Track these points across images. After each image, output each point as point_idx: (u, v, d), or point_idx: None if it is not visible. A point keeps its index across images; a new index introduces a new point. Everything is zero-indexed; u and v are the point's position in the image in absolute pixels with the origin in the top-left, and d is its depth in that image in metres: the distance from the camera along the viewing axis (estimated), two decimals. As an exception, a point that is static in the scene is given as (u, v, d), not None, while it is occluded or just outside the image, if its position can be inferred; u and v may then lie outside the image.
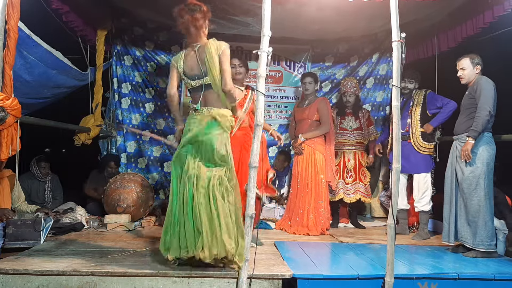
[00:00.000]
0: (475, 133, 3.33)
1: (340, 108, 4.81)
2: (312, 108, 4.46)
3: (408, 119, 4.26)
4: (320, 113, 4.43)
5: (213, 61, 2.73)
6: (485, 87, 3.37)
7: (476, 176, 3.37)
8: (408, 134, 4.24)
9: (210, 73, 2.74)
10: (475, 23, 4.30)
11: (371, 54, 5.79)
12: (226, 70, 2.72)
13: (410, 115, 4.26)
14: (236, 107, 2.99)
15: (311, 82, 4.53)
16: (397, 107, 2.73)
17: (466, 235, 3.42)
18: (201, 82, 2.80)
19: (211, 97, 2.79)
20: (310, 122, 4.45)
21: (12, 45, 3.05)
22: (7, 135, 3.06)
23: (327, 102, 4.56)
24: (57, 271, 2.66)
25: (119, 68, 5.68)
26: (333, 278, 2.75)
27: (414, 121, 4.24)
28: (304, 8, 4.05)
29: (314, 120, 4.45)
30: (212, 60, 2.73)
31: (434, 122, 4.18)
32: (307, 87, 4.54)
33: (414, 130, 4.23)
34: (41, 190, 4.72)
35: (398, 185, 2.74)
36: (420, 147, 4.19)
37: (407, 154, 4.18)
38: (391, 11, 2.71)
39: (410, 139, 4.23)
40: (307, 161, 4.37)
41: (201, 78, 2.80)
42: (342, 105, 4.79)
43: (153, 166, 5.70)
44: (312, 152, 4.37)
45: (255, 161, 2.63)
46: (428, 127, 4.19)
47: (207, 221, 2.64)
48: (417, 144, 4.20)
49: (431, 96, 4.27)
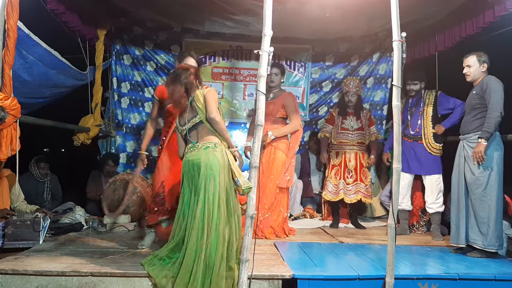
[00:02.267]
0: (488, 134, 3.29)
1: (342, 108, 4.75)
2: (277, 103, 4.13)
3: (419, 120, 4.24)
4: (287, 110, 4.12)
5: (200, 101, 2.87)
6: (495, 88, 3.34)
7: (486, 176, 3.34)
8: (420, 135, 4.22)
9: (200, 112, 2.87)
10: (476, 23, 4.30)
11: (372, 54, 5.78)
12: (209, 101, 2.85)
13: (422, 116, 4.23)
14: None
15: (277, 73, 4.16)
16: (398, 106, 2.72)
17: (476, 236, 3.38)
18: (194, 120, 2.90)
19: (204, 132, 2.89)
20: (274, 119, 4.11)
21: (11, 45, 3.04)
22: (7, 135, 3.06)
23: (293, 98, 4.22)
24: (57, 271, 2.65)
25: (118, 68, 5.67)
26: (333, 279, 2.74)
27: (426, 122, 4.20)
28: (305, 8, 4.04)
29: (278, 117, 4.13)
30: (199, 100, 2.88)
31: (446, 123, 4.15)
32: (273, 79, 4.12)
33: (426, 131, 4.20)
34: (40, 190, 4.71)
35: (398, 185, 2.72)
36: (432, 148, 4.17)
37: (419, 155, 4.17)
38: (392, 11, 2.70)
39: (422, 140, 4.20)
40: (267, 161, 4.07)
41: (194, 118, 2.90)
42: (344, 104, 4.73)
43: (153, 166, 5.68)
44: (274, 150, 4.08)
45: (255, 161, 2.62)
46: (439, 128, 4.16)
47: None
48: (429, 145, 4.17)
49: (442, 97, 4.23)
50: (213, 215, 2.69)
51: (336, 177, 4.62)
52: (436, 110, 4.23)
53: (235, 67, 5.79)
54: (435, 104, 4.23)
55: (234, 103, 5.85)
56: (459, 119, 4.00)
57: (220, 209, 2.72)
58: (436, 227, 4.15)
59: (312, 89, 5.86)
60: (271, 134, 4.03)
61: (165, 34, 5.69)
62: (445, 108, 4.21)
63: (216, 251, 2.63)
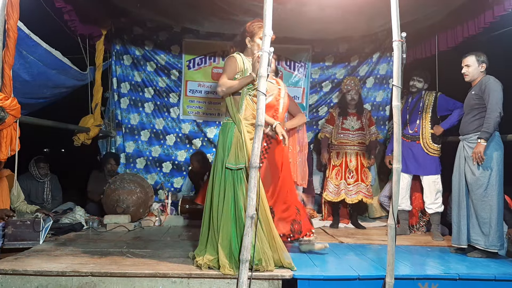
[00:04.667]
0: (487, 134, 3.29)
1: (342, 108, 4.73)
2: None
3: (418, 120, 4.24)
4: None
5: None
6: (494, 88, 3.34)
7: (487, 176, 3.34)
8: (418, 135, 4.23)
9: None
10: (476, 23, 4.30)
11: (372, 54, 5.78)
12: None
13: (421, 116, 4.24)
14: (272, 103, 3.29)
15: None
16: (398, 107, 2.72)
17: (478, 236, 3.38)
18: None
19: (225, 109, 3.11)
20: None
21: (11, 45, 3.04)
22: (7, 135, 3.05)
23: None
24: (57, 271, 2.65)
25: (118, 68, 5.68)
26: (333, 279, 2.74)
27: (425, 123, 4.21)
28: (305, 8, 4.04)
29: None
30: None
31: (445, 125, 4.16)
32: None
33: (424, 132, 4.21)
34: (40, 191, 4.71)
35: (398, 186, 2.72)
36: (429, 148, 4.18)
37: (416, 155, 4.18)
38: (392, 11, 2.69)
39: (420, 140, 4.21)
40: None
41: None
42: (345, 104, 4.71)
43: (152, 166, 5.71)
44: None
45: (255, 161, 2.62)
46: (438, 129, 4.17)
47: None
48: (426, 145, 4.18)
49: (442, 98, 4.24)
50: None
51: (337, 177, 4.61)
52: (435, 111, 4.23)
53: (235, 67, 5.79)
54: (434, 105, 4.23)
55: (234, 103, 5.85)
56: (457, 120, 4.00)
57: (215, 180, 2.91)
58: (436, 228, 4.15)
59: (312, 89, 5.87)
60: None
61: (165, 34, 5.70)
62: (444, 110, 4.22)
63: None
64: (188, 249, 3.28)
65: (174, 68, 5.77)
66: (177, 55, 5.77)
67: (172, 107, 5.79)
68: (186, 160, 5.76)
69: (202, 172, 5.23)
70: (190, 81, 5.80)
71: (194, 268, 2.75)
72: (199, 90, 5.82)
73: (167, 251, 3.24)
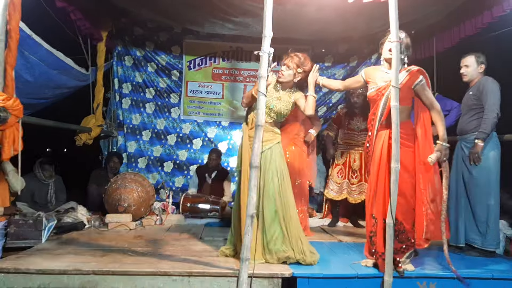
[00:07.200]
0: (484, 135, 3.31)
1: (349, 109, 4.73)
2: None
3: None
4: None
5: None
6: (492, 88, 3.36)
7: (484, 176, 3.36)
8: None
9: None
10: (474, 24, 4.31)
11: (371, 54, 5.81)
12: None
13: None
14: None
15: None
16: (396, 107, 2.74)
17: (475, 235, 3.40)
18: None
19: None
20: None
21: (13, 46, 3.07)
22: (9, 135, 3.07)
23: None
24: (59, 270, 2.67)
25: (119, 69, 5.71)
26: (332, 277, 2.76)
27: None
28: (304, 9, 4.06)
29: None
30: None
31: None
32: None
33: None
34: (44, 192, 4.70)
35: (396, 185, 2.74)
36: None
37: None
38: (390, 12, 2.71)
39: None
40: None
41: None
42: (351, 105, 4.70)
43: (154, 166, 5.74)
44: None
45: (255, 161, 2.64)
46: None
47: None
48: None
49: (439, 99, 4.24)
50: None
51: (339, 176, 4.61)
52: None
53: (235, 68, 5.82)
54: None
55: (234, 104, 5.88)
56: (455, 120, 4.03)
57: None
58: None
59: (311, 89, 5.87)
60: (314, 132, 4.29)
61: (166, 35, 5.73)
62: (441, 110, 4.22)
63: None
64: (189, 247, 3.31)
65: (175, 68, 5.80)
66: (178, 56, 5.81)
67: (173, 107, 5.82)
68: (187, 159, 5.81)
69: (212, 169, 5.34)
70: (190, 82, 5.84)
71: (194, 266, 2.78)
72: (200, 91, 5.86)
73: (168, 250, 3.27)
